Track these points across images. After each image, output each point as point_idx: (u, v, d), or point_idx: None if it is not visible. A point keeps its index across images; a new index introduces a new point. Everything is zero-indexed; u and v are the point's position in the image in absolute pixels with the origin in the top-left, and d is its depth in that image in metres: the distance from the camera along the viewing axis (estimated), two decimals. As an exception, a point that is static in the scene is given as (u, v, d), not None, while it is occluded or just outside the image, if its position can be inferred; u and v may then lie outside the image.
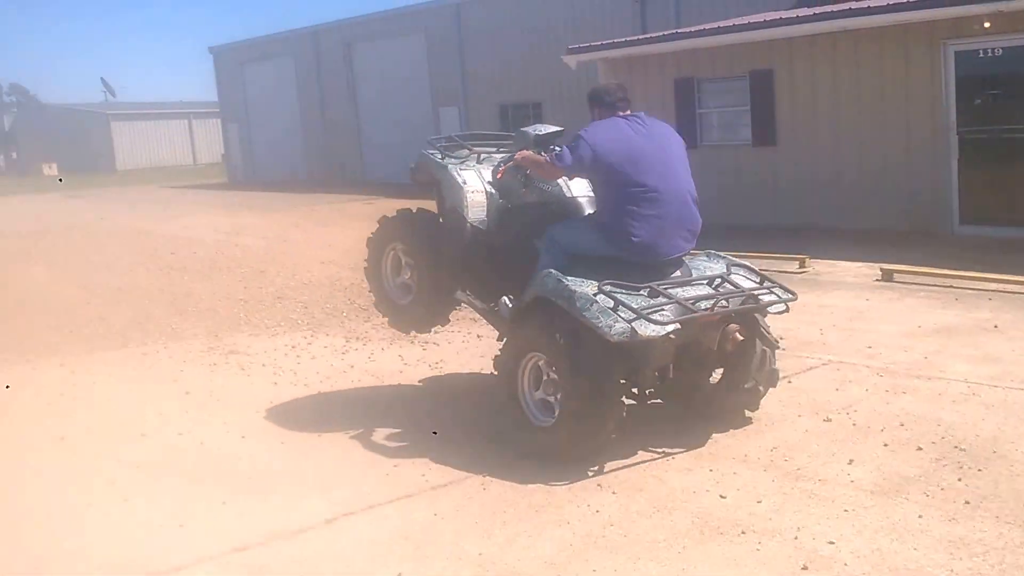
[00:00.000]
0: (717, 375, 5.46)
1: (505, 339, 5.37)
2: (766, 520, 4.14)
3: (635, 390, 5.21)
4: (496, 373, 5.26)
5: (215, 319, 9.50)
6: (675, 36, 14.81)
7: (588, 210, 5.39)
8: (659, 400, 5.52)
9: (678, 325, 4.64)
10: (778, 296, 5.15)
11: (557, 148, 5.25)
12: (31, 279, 12.70)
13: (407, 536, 4.20)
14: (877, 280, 9.52)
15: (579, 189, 5.51)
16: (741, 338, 5.02)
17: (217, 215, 20.95)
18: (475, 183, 5.65)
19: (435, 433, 5.51)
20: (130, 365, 7.81)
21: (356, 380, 6.93)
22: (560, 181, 5.42)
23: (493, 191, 5.66)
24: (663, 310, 4.70)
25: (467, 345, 7.83)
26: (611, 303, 4.63)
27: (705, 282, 5.08)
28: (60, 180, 43.47)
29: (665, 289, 4.84)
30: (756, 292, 5.08)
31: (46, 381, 7.35)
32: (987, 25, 11.09)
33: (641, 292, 4.80)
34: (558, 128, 5.57)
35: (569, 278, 4.81)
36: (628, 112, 5.23)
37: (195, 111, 55.82)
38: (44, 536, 4.42)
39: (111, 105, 58.44)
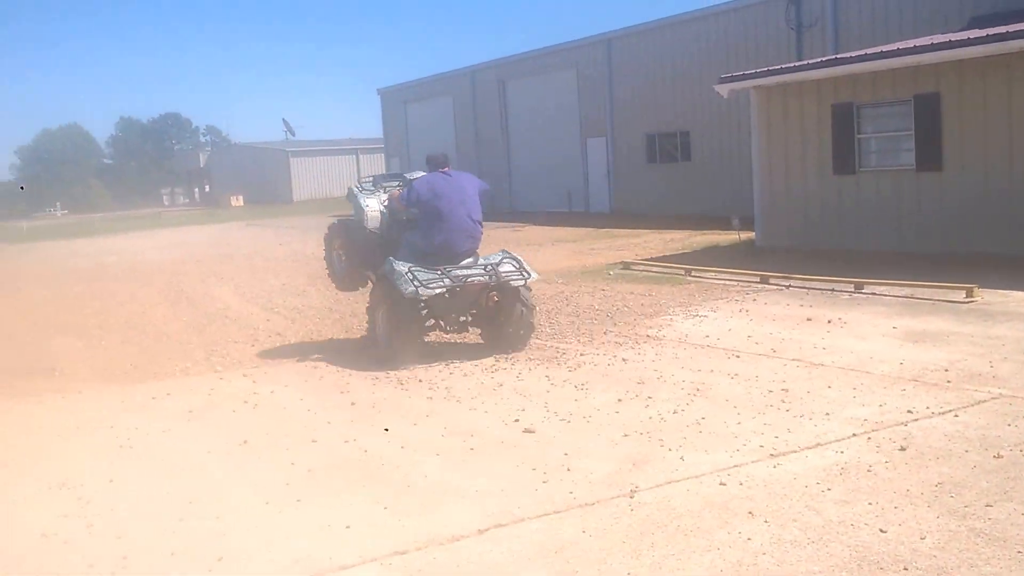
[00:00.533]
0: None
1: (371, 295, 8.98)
2: (930, 557, 3.97)
3: (445, 327, 8.82)
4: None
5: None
6: (835, 62, 14.45)
7: None
8: (458, 334, 9.02)
9: (444, 289, 8.14)
10: (521, 276, 8.53)
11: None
12: (219, 299, 13.84)
13: (555, 551, 4.28)
14: (1056, 313, 8.93)
15: None
16: (497, 299, 8.55)
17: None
18: (374, 205, 9.15)
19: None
20: (302, 377, 8.38)
21: (505, 398, 7.12)
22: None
23: (385, 211, 9.08)
24: (441, 282, 8.15)
25: (612, 368, 7.89)
26: (411, 277, 8.06)
27: (482, 267, 8.47)
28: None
29: (449, 271, 8.28)
30: (507, 273, 8.48)
31: (232, 390, 8.03)
32: None
33: (436, 272, 8.20)
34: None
35: (397, 263, 8.25)
36: (446, 169, 8.76)
37: (362, 147, 60.52)
38: (226, 530, 4.78)
39: (290, 143, 63.97)
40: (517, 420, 6.44)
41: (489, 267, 8.46)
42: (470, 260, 8.62)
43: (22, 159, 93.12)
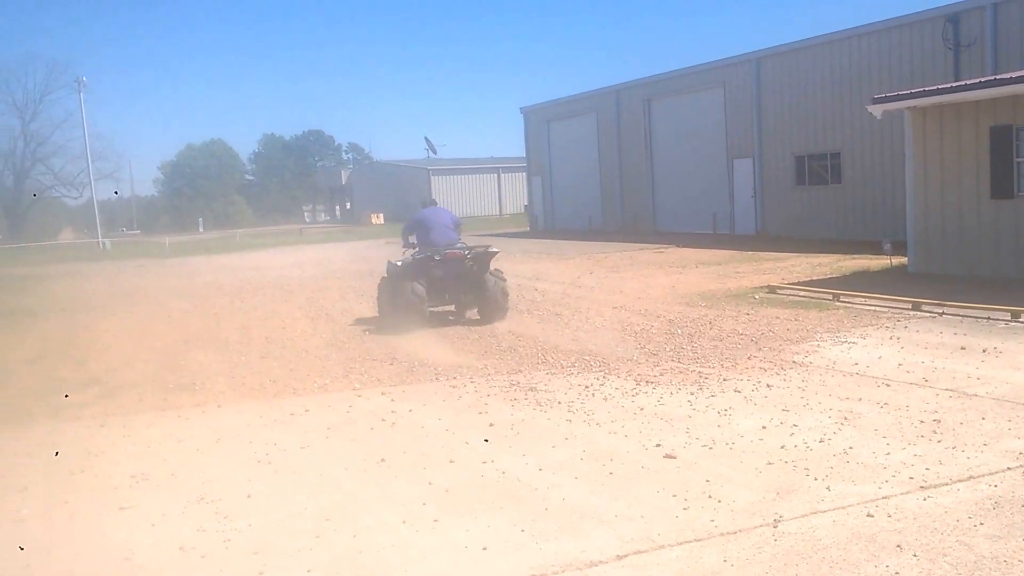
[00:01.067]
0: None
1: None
2: (1097, 602, 3.74)
3: (448, 300, 12.96)
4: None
5: (516, 358, 10.11)
6: (995, 82, 13.71)
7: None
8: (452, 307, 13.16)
9: (429, 254, 12.48)
10: (489, 252, 12.68)
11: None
12: (359, 315, 14.21)
13: (696, 580, 4.22)
14: None
15: None
16: (472, 265, 12.56)
17: (519, 261, 22.19)
18: (398, 258, 13.03)
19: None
20: (440, 396, 8.47)
21: (646, 422, 7.05)
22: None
23: (407, 257, 12.97)
24: (430, 255, 12.53)
25: (756, 394, 7.72)
26: (408, 259, 12.72)
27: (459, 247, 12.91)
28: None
29: (436, 251, 12.53)
30: (479, 250, 12.71)
31: (370, 407, 8.18)
32: None
33: (429, 252, 12.57)
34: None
35: (400, 260, 12.86)
36: (433, 204, 13.73)
37: (503, 166, 61.25)
38: (363, 548, 4.88)
39: (432, 161, 65.29)
40: (658, 445, 6.39)
41: (463, 246, 12.86)
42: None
43: (165, 174, 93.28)
